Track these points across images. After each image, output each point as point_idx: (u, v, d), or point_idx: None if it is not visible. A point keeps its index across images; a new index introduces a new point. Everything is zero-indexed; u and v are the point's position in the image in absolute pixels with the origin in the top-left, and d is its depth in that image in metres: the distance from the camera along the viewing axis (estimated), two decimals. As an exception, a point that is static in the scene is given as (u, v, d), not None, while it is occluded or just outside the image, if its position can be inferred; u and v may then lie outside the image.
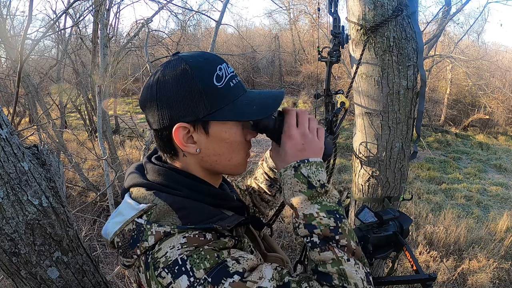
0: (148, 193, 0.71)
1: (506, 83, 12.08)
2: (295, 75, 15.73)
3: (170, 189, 0.72)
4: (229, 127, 0.73)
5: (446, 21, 7.75)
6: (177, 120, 0.69)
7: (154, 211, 0.68)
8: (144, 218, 0.68)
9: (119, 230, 0.69)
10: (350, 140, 2.14)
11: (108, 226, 0.73)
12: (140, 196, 0.72)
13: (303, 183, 0.71)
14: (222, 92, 0.70)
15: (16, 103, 2.33)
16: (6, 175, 0.89)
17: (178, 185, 0.73)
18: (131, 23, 11.62)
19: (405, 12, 1.62)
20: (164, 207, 0.68)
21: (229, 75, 0.72)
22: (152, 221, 0.67)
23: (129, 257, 0.68)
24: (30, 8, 1.96)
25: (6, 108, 7.34)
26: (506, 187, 7.53)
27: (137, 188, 0.74)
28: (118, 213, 0.72)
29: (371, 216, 1.32)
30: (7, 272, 0.97)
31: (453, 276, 4.40)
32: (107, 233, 0.72)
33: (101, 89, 3.64)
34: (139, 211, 0.68)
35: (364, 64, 1.74)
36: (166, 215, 0.68)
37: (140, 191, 0.73)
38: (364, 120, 1.86)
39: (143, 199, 0.71)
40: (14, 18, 8.22)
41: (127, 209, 0.71)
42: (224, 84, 0.70)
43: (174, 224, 0.67)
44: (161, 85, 0.69)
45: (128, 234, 0.68)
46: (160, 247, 0.65)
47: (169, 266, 0.61)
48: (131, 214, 0.69)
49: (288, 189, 0.72)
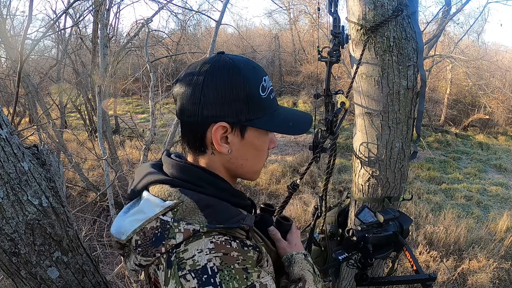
0: (173, 190, 0.70)
1: (506, 83, 12.08)
2: (295, 75, 15.72)
3: (195, 186, 0.72)
4: (262, 135, 0.78)
5: (446, 21, 7.75)
6: (219, 119, 0.72)
7: (180, 208, 0.68)
8: (169, 216, 0.67)
9: (139, 228, 0.68)
10: (350, 140, 2.14)
11: (124, 224, 0.71)
12: (163, 193, 0.71)
13: (310, 266, 0.88)
14: (264, 102, 0.75)
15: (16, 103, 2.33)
16: (6, 175, 0.89)
17: (203, 183, 0.73)
18: (131, 23, 11.63)
19: (405, 12, 1.62)
20: (191, 204, 0.68)
21: (270, 88, 0.78)
22: (179, 218, 0.67)
23: (150, 255, 0.67)
24: (30, 8, 1.96)
25: (6, 108, 7.34)
26: (506, 187, 7.53)
27: (160, 185, 0.73)
28: (138, 211, 0.71)
29: (371, 216, 1.32)
30: (7, 272, 0.97)
31: (453, 276, 4.40)
32: (122, 232, 0.70)
33: (101, 89, 3.64)
34: (165, 208, 0.68)
35: (364, 64, 1.74)
36: (192, 213, 0.68)
37: (163, 188, 0.72)
38: (364, 120, 1.86)
39: (169, 196, 0.70)
40: (14, 18, 8.22)
41: (149, 206, 0.70)
42: (267, 95, 0.75)
43: (202, 222, 0.67)
44: (210, 82, 0.71)
45: (150, 232, 0.67)
46: (186, 247, 0.64)
47: (197, 271, 0.61)
48: (155, 211, 0.68)
49: (298, 266, 0.86)
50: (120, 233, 0.71)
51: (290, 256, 0.89)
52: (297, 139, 10.03)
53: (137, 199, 0.77)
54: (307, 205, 5.95)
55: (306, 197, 6.27)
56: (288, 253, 0.89)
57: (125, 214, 0.74)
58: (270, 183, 7.05)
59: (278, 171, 7.49)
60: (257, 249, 0.70)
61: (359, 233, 1.26)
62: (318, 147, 1.41)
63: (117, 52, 5.82)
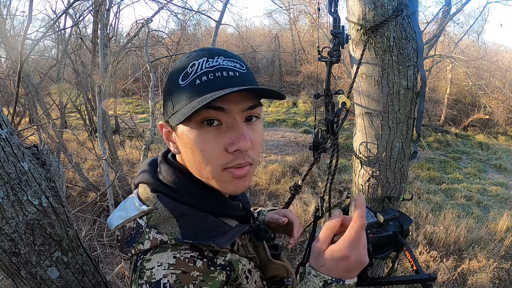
0: (151, 195, 0.69)
1: (506, 83, 12.08)
2: (295, 75, 15.73)
3: (175, 193, 0.69)
4: (190, 131, 0.64)
5: (446, 21, 7.75)
6: (163, 116, 0.72)
7: (154, 215, 0.67)
8: (144, 220, 0.67)
9: (120, 225, 0.70)
10: (350, 140, 2.14)
11: (113, 217, 0.73)
12: (144, 195, 0.71)
13: None
14: (183, 92, 0.63)
15: (16, 103, 2.33)
16: (6, 175, 0.89)
17: (183, 190, 0.70)
18: (131, 23, 11.63)
19: (405, 12, 1.62)
20: (165, 212, 0.66)
21: (202, 71, 0.62)
22: (151, 225, 0.66)
23: (124, 252, 0.69)
24: (30, 8, 1.96)
25: (6, 108, 7.34)
26: (506, 187, 7.53)
27: (144, 186, 0.73)
28: (123, 208, 0.72)
29: (371, 216, 1.32)
30: (7, 272, 0.97)
31: (453, 276, 4.40)
32: (111, 224, 0.73)
33: (101, 89, 3.64)
34: (140, 212, 0.68)
35: (364, 64, 1.74)
36: (166, 221, 0.66)
37: (145, 190, 0.72)
38: (364, 120, 1.86)
39: (146, 200, 0.70)
40: (14, 18, 8.21)
41: (131, 206, 0.71)
42: (188, 82, 0.63)
43: (173, 234, 0.64)
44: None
45: (128, 231, 0.69)
46: (150, 257, 0.63)
47: (151, 284, 0.60)
48: (133, 212, 0.69)
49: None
50: (111, 224, 0.73)
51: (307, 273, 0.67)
52: (297, 139, 10.03)
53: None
54: (307, 205, 5.95)
55: (306, 197, 6.27)
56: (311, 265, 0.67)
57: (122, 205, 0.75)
58: (270, 183, 7.05)
59: (278, 171, 7.49)
60: (227, 268, 0.65)
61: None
62: (318, 147, 1.41)
63: (117, 52, 5.82)
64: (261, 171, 7.45)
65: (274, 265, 0.80)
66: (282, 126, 11.37)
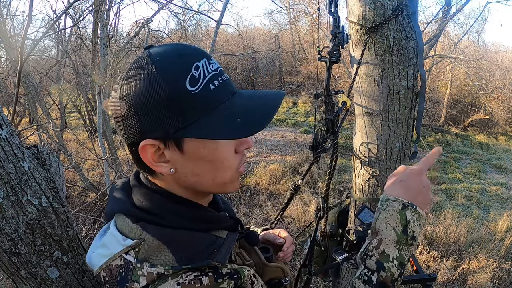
0: (134, 226, 0.62)
1: (506, 83, 12.08)
2: (295, 75, 15.72)
3: (158, 218, 0.63)
4: (209, 142, 0.60)
5: (446, 21, 7.75)
6: (144, 136, 0.58)
7: (142, 248, 0.60)
8: (132, 255, 0.60)
9: (105, 264, 0.62)
10: (350, 140, 2.14)
11: (92, 257, 0.65)
12: (125, 228, 0.63)
13: (401, 224, 0.71)
14: (197, 100, 0.56)
15: (16, 103, 2.33)
16: (6, 175, 0.89)
17: (167, 213, 0.63)
18: (131, 23, 11.62)
19: (405, 12, 1.62)
20: (153, 242, 0.60)
21: (210, 75, 0.58)
22: (141, 259, 0.60)
23: None
24: (30, 8, 1.96)
25: (6, 108, 7.34)
26: (506, 187, 7.53)
27: (122, 217, 0.65)
28: (102, 245, 0.65)
29: (371, 216, 1.32)
30: (7, 272, 0.97)
31: (453, 276, 4.40)
32: (92, 264, 0.65)
33: (101, 89, 3.64)
34: (126, 247, 0.60)
35: (364, 64, 1.74)
36: (156, 251, 0.60)
37: (125, 221, 0.64)
38: (364, 120, 1.86)
39: (129, 232, 0.62)
40: (14, 18, 8.22)
41: (112, 242, 0.63)
42: (201, 88, 0.56)
43: (168, 263, 0.59)
44: (125, 91, 0.57)
45: (115, 270, 0.61)
46: None
47: None
48: (117, 249, 0.61)
49: (385, 217, 0.73)
50: (91, 264, 0.65)
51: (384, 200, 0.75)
52: (297, 139, 10.03)
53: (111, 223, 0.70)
54: (307, 205, 5.95)
55: (306, 197, 6.27)
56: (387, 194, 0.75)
57: (100, 238, 0.68)
58: (270, 183, 7.04)
59: (278, 171, 7.49)
60: (234, 276, 0.63)
61: (359, 233, 1.26)
62: (318, 147, 1.41)
63: (117, 52, 5.82)
64: (261, 171, 7.45)
65: (270, 268, 0.79)
66: (282, 126, 11.37)
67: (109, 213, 0.69)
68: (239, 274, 0.64)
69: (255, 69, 16.12)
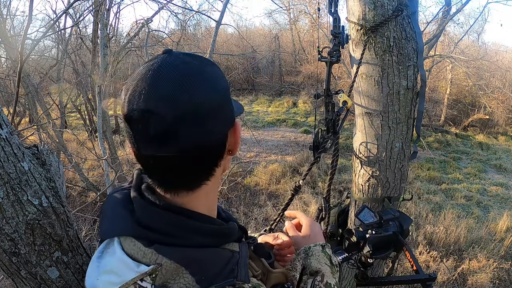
0: (148, 251, 0.58)
1: (506, 83, 12.07)
2: (295, 75, 15.73)
3: (173, 239, 0.60)
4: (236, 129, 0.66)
5: (446, 21, 7.75)
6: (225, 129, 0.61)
7: (160, 273, 0.57)
8: (148, 281, 0.57)
9: None
10: (350, 140, 2.14)
11: (98, 285, 0.61)
12: (137, 253, 0.59)
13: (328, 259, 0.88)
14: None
15: (16, 103, 2.33)
16: (6, 175, 0.89)
17: (187, 233, 0.61)
18: (131, 23, 11.62)
19: (405, 12, 1.62)
20: (171, 266, 0.57)
21: None
22: (159, 284, 0.57)
23: None
24: (30, 8, 1.96)
25: (6, 108, 7.35)
26: (506, 187, 7.53)
27: (131, 240, 0.60)
28: (111, 271, 0.60)
29: (371, 216, 1.32)
30: (7, 272, 0.97)
31: (453, 276, 4.40)
32: None
33: (101, 89, 3.64)
34: (140, 274, 0.57)
35: (364, 64, 1.74)
36: (175, 274, 0.57)
37: (136, 246, 0.60)
38: (364, 120, 1.86)
39: (142, 258, 0.58)
40: (14, 18, 8.22)
41: (123, 268, 0.59)
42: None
43: (189, 286, 0.57)
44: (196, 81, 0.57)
45: None
46: None
47: None
48: (129, 276, 0.58)
49: (316, 259, 0.87)
50: None
51: (307, 249, 0.89)
52: (297, 139, 10.03)
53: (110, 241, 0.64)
54: (307, 205, 5.95)
55: (307, 197, 6.27)
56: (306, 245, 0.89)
57: (99, 261, 0.64)
58: (270, 183, 7.05)
59: (278, 171, 7.49)
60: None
61: (359, 233, 1.26)
62: (318, 147, 1.41)
63: (117, 52, 5.82)
64: (261, 171, 7.45)
65: (274, 274, 0.80)
66: (282, 126, 11.37)
67: (108, 232, 0.64)
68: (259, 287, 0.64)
69: (255, 69, 16.12)
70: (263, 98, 14.27)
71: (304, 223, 0.95)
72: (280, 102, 13.62)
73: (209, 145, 0.59)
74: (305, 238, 0.92)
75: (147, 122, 0.54)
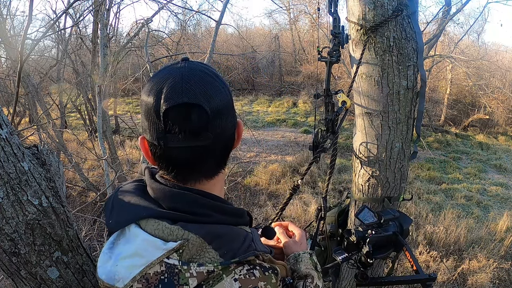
0: (174, 228, 0.61)
1: (506, 83, 12.07)
2: (295, 75, 15.72)
3: (197, 217, 0.63)
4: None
5: (446, 21, 7.75)
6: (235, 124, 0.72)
7: (186, 248, 0.59)
8: (175, 257, 0.60)
9: (139, 274, 0.59)
10: (350, 140, 2.14)
11: (118, 270, 0.61)
12: (163, 231, 0.62)
13: (314, 266, 0.94)
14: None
15: (16, 103, 2.34)
16: (6, 175, 0.89)
17: (207, 210, 0.65)
18: (131, 23, 11.62)
19: (405, 12, 1.62)
20: (197, 240, 0.60)
21: None
22: (186, 260, 0.59)
23: None
24: (30, 8, 1.96)
25: (6, 108, 7.34)
26: (506, 187, 7.52)
27: (154, 221, 0.63)
28: (134, 254, 0.61)
29: (371, 216, 1.32)
30: (7, 272, 0.97)
31: (453, 276, 4.40)
32: (116, 279, 0.61)
33: (101, 89, 3.64)
34: (168, 251, 0.59)
35: (364, 64, 1.74)
36: (199, 250, 0.60)
37: (161, 225, 0.62)
38: (364, 120, 1.86)
39: (169, 235, 0.61)
40: (14, 18, 8.21)
41: (147, 248, 0.61)
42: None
43: (215, 260, 0.60)
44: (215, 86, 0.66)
45: (154, 278, 0.59)
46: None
47: None
48: (156, 254, 0.60)
49: (304, 265, 0.92)
50: (114, 279, 0.61)
51: (297, 255, 0.94)
52: (297, 139, 10.03)
53: (121, 232, 0.66)
54: (307, 205, 5.95)
55: (306, 197, 6.27)
56: (296, 252, 0.95)
57: (111, 251, 0.65)
58: (270, 183, 7.04)
59: (278, 171, 7.49)
60: (275, 271, 0.66)
61: (359, 233, 1.26)
62: (318, 147, 1.41)
63: (117, 52, 5.81)
64: (261, 171, 7.44)
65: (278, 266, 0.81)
66: (282, 126, 11.37)
67: (120, 222, 0.66)
68: (276, 270, 0.67)
69: (255, 69, 16.11)
70: (263, 98, 14.27)
71: (297, 233, 1.02)
72: (280, 102, 13.62)
73: (229, 135, 0.69)
74: (296, 245, 0.98)
75: (191, 114, 0.61)
